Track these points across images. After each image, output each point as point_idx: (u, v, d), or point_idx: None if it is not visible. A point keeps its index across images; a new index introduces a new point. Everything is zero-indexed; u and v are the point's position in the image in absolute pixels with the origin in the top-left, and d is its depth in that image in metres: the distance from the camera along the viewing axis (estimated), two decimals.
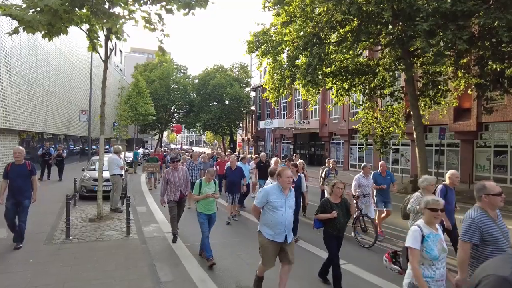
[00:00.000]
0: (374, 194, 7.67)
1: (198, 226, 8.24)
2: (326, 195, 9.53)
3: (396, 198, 9.72)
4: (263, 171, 10.33)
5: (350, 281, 5.01)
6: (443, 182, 5.52)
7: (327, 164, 10.29)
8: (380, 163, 8.09)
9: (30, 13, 6.41)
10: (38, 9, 6.45)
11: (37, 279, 4.59)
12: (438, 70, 14.18)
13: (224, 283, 4.79)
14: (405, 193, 12.76)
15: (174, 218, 6.71)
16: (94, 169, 10.96)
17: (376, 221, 7.33)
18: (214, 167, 11.47)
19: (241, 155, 12.64)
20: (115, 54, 42.45)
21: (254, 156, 16.06)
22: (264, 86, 19.23)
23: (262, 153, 11.14)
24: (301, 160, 9.36)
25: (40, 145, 17.11)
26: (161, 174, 17.31)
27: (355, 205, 6.86)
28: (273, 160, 9.83)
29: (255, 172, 11.17)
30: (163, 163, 17.38)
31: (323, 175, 9.48)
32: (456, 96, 15.51)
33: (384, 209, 7.64)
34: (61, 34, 7.27)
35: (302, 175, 7.59)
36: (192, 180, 8.61)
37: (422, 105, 15.41)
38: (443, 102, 15.18)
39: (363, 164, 7.78)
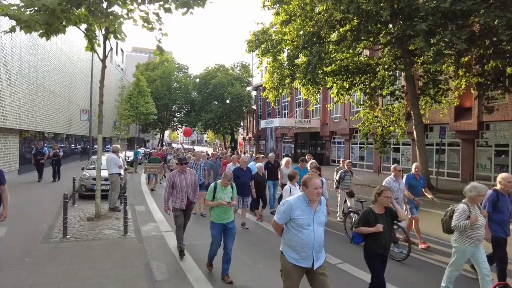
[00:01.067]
0: (406, 199, 6.90)
1: (197, 224, 8.39)
2: (339, 200, 8.98)
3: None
4: (272, 173, 9.95)
5: (346, 281, 5.00)
6: (494, 187, 4.77)
7: (341, 165, 9.76)
8: (415, 165, 7.31)
9: (28, 12, 6.42)
10: (36, 8, 6.47)
11: (33, 278, 4.60)
12: (438, 69, 14.13)
13: (220, 283, 4.78)
14: None
15: (180, 228, 5.79)
16: (93, 168, 10.98)
17: (412, 229, 6.78)
18: (220, 167, 11.01)
19: (255, 156, 11.58)
20: (116, 53, 42.52)
21: (257, 156, 15.87)
22: (264, 85, 19.23)
23: (270, 154, 10.54)
24: (314, 160, 8.69)
25: (34, 145, 16.20)
26: (163, 175, 16.55)
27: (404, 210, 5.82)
28: (283, 161, 9.50)
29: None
30: (164, 163, 16.85)
31: (337, 177, 8.87)
32: (457, 95, 15.44)
33: (414, 215, 6.93)
34: (59, 33, 7.27)
35: (323, 179, 6.70)
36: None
37: (423, 104, 15.37)
38: (444, 101, 15.13)
39: (393, 166, 6.97)
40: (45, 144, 17.01)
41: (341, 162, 10.10)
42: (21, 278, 4.58)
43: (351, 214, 7.46)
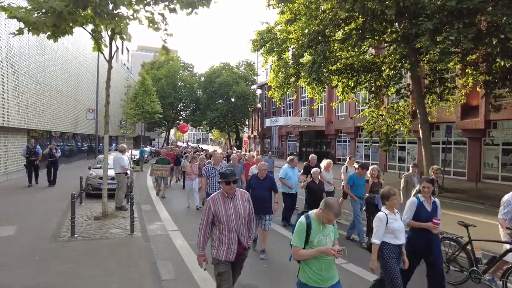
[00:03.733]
0: None
1: (198, 219, 8.35)
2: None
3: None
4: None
5: (350, 281, 5.01)
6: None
7: (347, 163, 9.17)
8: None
9: (35, 14, 6.50)
10: (43, 10, 6.55)
11: (41, 276, 4.69)
12: (445, 67, 14.02)
13: None
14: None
15: None
16: (100, 168, 11.10)
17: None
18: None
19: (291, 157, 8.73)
20: (122, 52, 42.76)
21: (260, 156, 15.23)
22: (269, 84, 19.23)
23: (311, 155, 9.06)
24: (375, 166, 7.36)
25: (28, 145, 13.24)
26: (172, 178, 14.42)
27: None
28: (323, 163, 8.61)
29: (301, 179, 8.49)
30: (174, 165, 14.65)
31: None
32: (463, 93, 15.31)
33: None
34: (66, 35, 7.36)
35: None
36: (212, 192, 5.66)
37: (429, 102, 15.27)
38: (450, 99, 15.01)
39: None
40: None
41: (347, 160, 9.69)
42: (30, 276, 4.68)
43: (447, 241, 5.18)
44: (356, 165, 9.56)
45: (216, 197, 3.54)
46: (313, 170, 7.68)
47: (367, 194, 6.89)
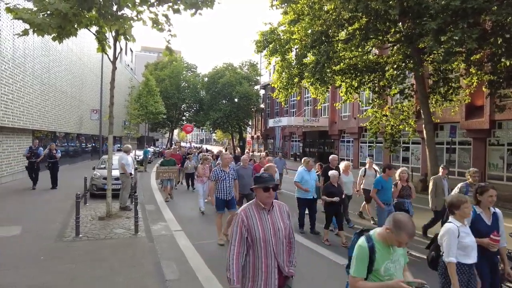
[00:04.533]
0: None
1: (207, 223, 8.48)
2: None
3: None
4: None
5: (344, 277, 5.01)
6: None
7: (368, 166, 8.87)
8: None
9: (41, 16, 6.56)
10: (48, 12, 6.61)
11: (47, 276, 4.73)
12: (449, 67, 13.95)
13: None
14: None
15: None
16: (104, 168, 11.16)
17: None
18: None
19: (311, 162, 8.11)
20: (126, 53, 42.96)
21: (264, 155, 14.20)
22: (272, 85, 19.23)
23: (332, 155, 8.39)
24: (405, 168, 6.83)
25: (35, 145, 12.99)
26: (179, 180, 14.63)
27: None
28: (342, 165, 8.27)
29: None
30: (181, 166, 13.93)
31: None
32: (468, 93, 15.22)
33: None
34: (71, 36, 7.42)
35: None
36: (222, 197, 6.58)
37: (433, 102, 15.20)
38: (454, 99, 14.93)
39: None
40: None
41: (367, 163, 8.98)
42: (36, 276, 4.72)
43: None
44: (376, 167, 9.20)
45: (249, 208, 2.66)
46: (331, 173, 7.14)
47: (395, 199, 6.45)
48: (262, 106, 49.81)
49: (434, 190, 7.04)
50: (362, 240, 2.45)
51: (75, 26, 7.18)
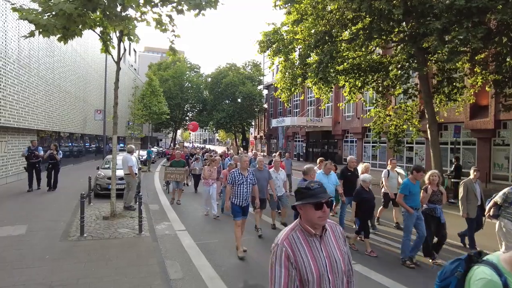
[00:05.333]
0: None
1: (210, 223, 8.50)
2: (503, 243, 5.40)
3: None
4: (350, 183, 7.24)
5: (358, 282, 5.00)
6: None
7: (389, 166, 8.18)
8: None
9: (46, 17, 6.61)
10: (54, 13, 6.66)
11: (53, 275, 4.76)
12: (453, 67, 13.88)
13: (233, 282, 4.85)
14: None
15: None
16: (108, 168, 11.21)
17: None
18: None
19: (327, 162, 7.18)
20: (129, 53, 43.13)
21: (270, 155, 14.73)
22: (275, 85, 19.24)
23: (350, 156, 7.93)
24: (435, 171, 6.08)
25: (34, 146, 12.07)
26: (188, 181, 14.15)
27: None
28: (361, 167, 7.78)
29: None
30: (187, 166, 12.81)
31: (499, 199, 5.52)
32: (472, 93, 15.14)
33: None
34: (76, 37, 7.47)
35: None
36: (238, 203, 5.98)
37: (437, 102, 15.13)
38: (459, 99, 14.85)
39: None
40: (62, 144, 16.11)
41: (388, 163, 8.34)
42: (41, 275, 4.75)
43: None
44: (399, 170, 8.49)
45: (293, 236, 1.91)
46: (363, 177, 6.53)
47: (424, 205, 5.84)
48: (265, 106, 49.83)
49: (465, 195, 6.38)
50: (488, 272, 1.70)
51: (80, 26, 7.22)
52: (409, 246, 5.65)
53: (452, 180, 13.24)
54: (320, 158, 9.09)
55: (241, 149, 39.78)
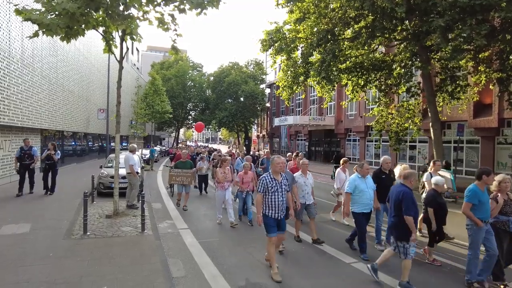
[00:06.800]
0: None
1: (212, 221, 8.50)
2: None
3: None
4: (385, 188, 6.21)
5: (361, 280, 5.00)
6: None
7: (430, 167, 7.32)
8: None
9: (49, 17, 6.65)
10: (57, 12, 6.69)
11: (56, 273, 4.80)
12: (456, 65, 13.80)
13: (235, 280, 4.87)
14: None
15: None
16: (111, 167, 11.26)
17: None
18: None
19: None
20: (132, 53, 43.24)
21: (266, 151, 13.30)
22: (277, 83, 19.24)
23: (384, 157, 6.98)
24: (508, 177, 5.01)
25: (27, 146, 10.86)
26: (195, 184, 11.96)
27: None
28: (398, 168, 6.72)
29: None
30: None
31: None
32: (476, 91, 15.06)
33: None
34: (79, 36, 7.51)
35: None
36: (273, 215, 5.00)
37: (440, 100, 15.07)
38: (462, 97, 14.78)
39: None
40: (65, 143, 15.90)
41: (431, 164, 7.47)
42: (45, 273, 4.79)
43: None
44: (443, 172, 7.47)
45: None
46: (436, 180, 5.72)
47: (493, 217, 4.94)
48: (267, 105, 49.80)
49: None
50: None
51: (83, 26, 7.26)
52: (476, 265, 4.88)
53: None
54: (344, 158, 8.30)
55: (244, 148, 39.75)
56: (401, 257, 4.69)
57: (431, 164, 7.52)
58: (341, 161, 8.56)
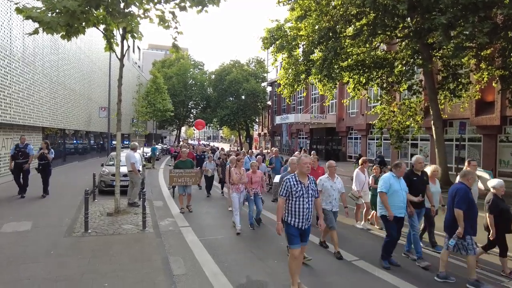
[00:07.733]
0: None
1: (214, 219, 8.50)
2: None
3: None
4: (417, 191, 5.68)
5: (361, 278, 4.99)
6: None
7: (466, 167, 6.25)
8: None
9: (49, 15, 6.64)
10: (57, 10, 6.69)
11: (57, 271, 4.81)
12: (459, 62, 13.74)
13: (235, 278, 4.87)
14: None
15: None
16: (112, 165, 11.27)
17: None
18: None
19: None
20: (133, 51, 43.22)
21: (273, 150, 12.91)
22: (278, 81, 19.21)
23: (417, 156, 6.06)
24: None
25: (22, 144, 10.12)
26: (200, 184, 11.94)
27: None
28: (430, 169, 6.17)
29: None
30: (198, 167, 11.22)
31: None
32: (478, 89, 14.99)
33: None
34: (79, 34, 7.50)
35: None
36: (297, 224, 4.25)
37: (442, 98, 15.02)
38: (464, 95, 14.72)
39: None
40: (66, 141, 15.84)
41: (466, 164, 6.56)
42: (46, 270, 4.80)
43: None
44: (481, 172, 6.86)
45: None
46: (494, 183, 5.19)
47: None
48: (269, 103, 49.76)
49: None
50: None
51: (83, 24, 7.25)
52: None
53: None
54: (363, 158, 7.76)
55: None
56: (462, 253, 4.64)
57: (466, 164, 6.63)
58: (360, 161, 7.96)
